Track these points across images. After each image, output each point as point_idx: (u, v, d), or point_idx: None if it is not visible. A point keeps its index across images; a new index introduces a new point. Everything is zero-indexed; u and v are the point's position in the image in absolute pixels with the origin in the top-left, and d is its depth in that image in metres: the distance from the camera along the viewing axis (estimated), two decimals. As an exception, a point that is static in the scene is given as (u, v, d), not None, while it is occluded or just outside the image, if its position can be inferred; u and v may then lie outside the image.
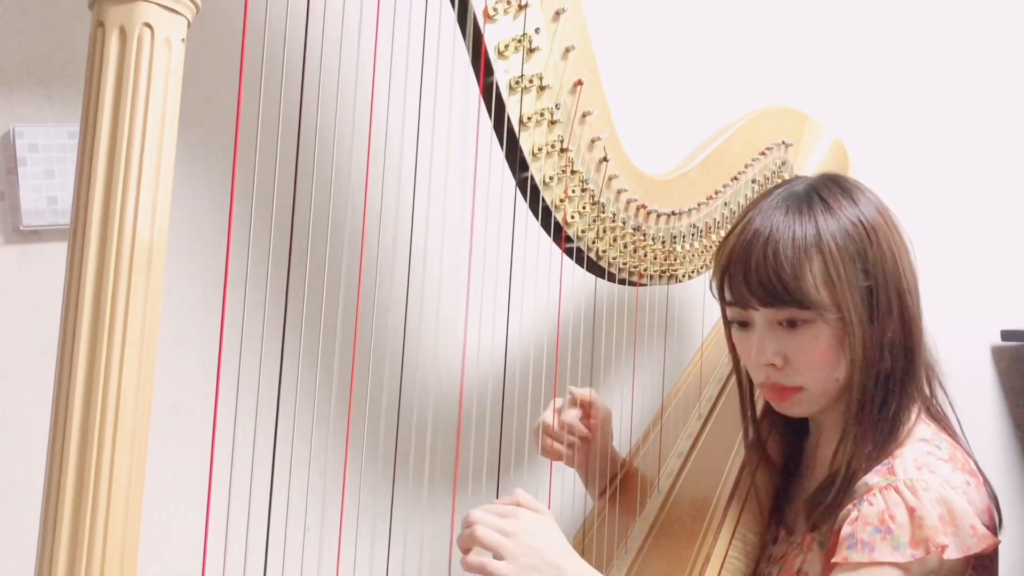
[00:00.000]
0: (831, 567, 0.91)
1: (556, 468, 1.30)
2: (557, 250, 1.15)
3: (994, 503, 0.94)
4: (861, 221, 0.97)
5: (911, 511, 0.88)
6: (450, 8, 0.99)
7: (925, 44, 1.83)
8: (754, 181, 1.33)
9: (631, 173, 1.17)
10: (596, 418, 1.19)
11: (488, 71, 1.01)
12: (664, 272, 1.26)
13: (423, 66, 1.00)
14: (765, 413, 1.12)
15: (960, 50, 1.87)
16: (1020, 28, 1.93)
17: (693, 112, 1.51)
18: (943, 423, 1.00)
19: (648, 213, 1.20)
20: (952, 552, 0.86)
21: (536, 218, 1.11)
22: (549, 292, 1.22)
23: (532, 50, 1.03)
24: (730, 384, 1.30)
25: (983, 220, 1.89)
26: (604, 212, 1.15)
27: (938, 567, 0.88)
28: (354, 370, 1.02)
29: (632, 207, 1.18)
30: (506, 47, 1.01)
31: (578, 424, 1.18)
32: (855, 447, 0.95)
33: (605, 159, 1.13)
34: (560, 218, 1.11)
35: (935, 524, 0.87)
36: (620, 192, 1.16)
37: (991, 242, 1.90)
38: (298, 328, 1.02)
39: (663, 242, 1.23)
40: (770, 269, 0.95)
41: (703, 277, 1.31)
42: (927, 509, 0.87)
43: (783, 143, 1.37)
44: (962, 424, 1.03)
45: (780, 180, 1.35)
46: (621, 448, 1.29)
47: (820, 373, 0.98)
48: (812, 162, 1.43)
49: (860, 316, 0.95)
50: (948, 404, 1.03)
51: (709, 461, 1.19)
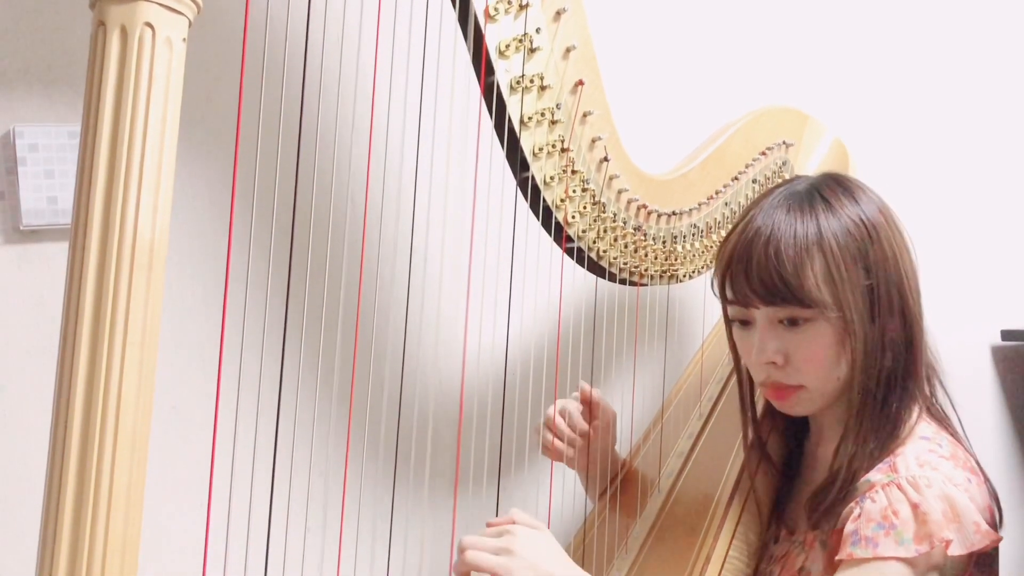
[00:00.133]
0: (835, 565, 0.91)
1: (556, 469, 1.30)
2: (558, 250, 1.15)
3: (995, 501, 0.94)
4: (862, 220, 0.97)
5: (915, 507, 0.88)
6: (451, 8, 0.99)
7: (925, 44, 1.83)
8: (755, 181, 1.33)
9: (632, 173, 1.17)
10: (601, 419, 1.19)
11: (489, 71, 1.02)
12: (665, 272, 1.26)
13: (424, 66, 1.00)
14: (765, 413, 1.12)
15: (960, 50, 1.86)
16: (1020, 28, 1.93)
17: (693, 112, 1.50)
18: (944, 422, 1.00)
19: (649, 213, 1.20)
20: (956, 548, 0.86)
21: (537, 218, 1.11)
22: (550, 292, 1.22)
23: (533, 50, 1.03)
24: (731, 384, 1.30)
25: (983, 220, 1.89)
26: (605, 212, 1.15)
27: (942, 563, 0.88)
28: (355, 370, 1.02)
29: (633, 207, 1.18)
30: (507, 47, 1.01)
31: (580, 420, 1.18)
32: (856, 446, 0.95)
33: (606, 159, 1.13)
34: (561, 218, 1.11)
35: (939, 519, 0.87)
36: (621, 192, 1.16)
37: (991, 242, 1.90)
38: (299, 328, 1.02)
39: (664, 242, 1.23)
40: (771, 267, 0.95)
41: (704, 277, 1.31)
42: (931, 505, 0.87)
43: (783, 143, 1.37)
44: (963, 423, 1.03)
45: (780, 180, 1.35)
46: (621, 448, 1.29)
47: (821, 372, 0.98)
48: (812, 162, 1.43)
49: (861, 315, 0.95)
50: (949, 403, 1.03)
51: (710, 461, 1.19)
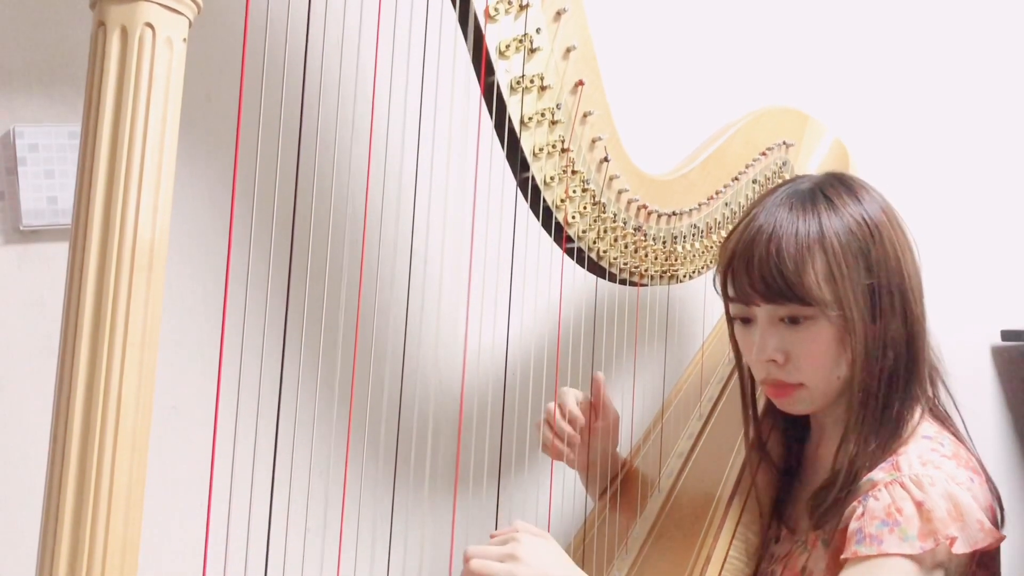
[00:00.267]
0: (839, 564, 0.91)
1: (556, 469, 1.30)
2: (558, 250, 1.15)
3: (996, 500, 0.94)
4: (865, 219, 0.97)
5: (919, 504, 0.88)
6: (451, 8, 0.99)
7: (925, 44, 1.83)
8: (755, 181, 1.33)
9: (632, 173, 1.17)
10: (603, 421, 1.18)
11: (489, 71, 1.01)
12: (665, 272, 1.26)
13: (424, 66, 1.00)
14: (767, 412, 1.12)
15: (960, 50, 1.86)
16: (1020, 28, 1.93)
17: (694, 112, 1.50)
18: (946, 422, 1.00)
19: (649, 213, 1.20)
20: (960, 546, 0.86)
21: (537, 218, 1.11)
22: (550, 292, 1.22)
23: (533, 50, 1.03)
24: (731, 384, 1.30)
25: (983, 220, 1.89)
26: (605, 212, 1.15)
27: (947, 561, 0.88)
28: (355, 370, 1.02)
29: (633, 207, 1.18)
30: (507, 47, 1.01)
31: (578, 413, 1.16)
32: (858, 446, 0.95)
33: (606, 159, 1.13)
34: (561, 218, 1.11)
35: (944, 517, 0.87)
36: (621, 192, 1.16)
37: (991, 242, 1.90)
38: (299, 328, 1.02)
39: (664, 242, 1.23)
40: (772, 265, 0.95)
41: (704, 277, 1.31)
42: (935, 503, 0.87)
43: (784, 143, 1.37)
44: (965, 424, 1.03)
45: (781, 180, 1.35)
46: (622, 448, 1.28)
47: (821, 370, 0.98)
48: (813, 162, 1.42)
49: (862, 314, 0.95)
50: (952, 404, 1.03)
51: (710, 461, 1.19)
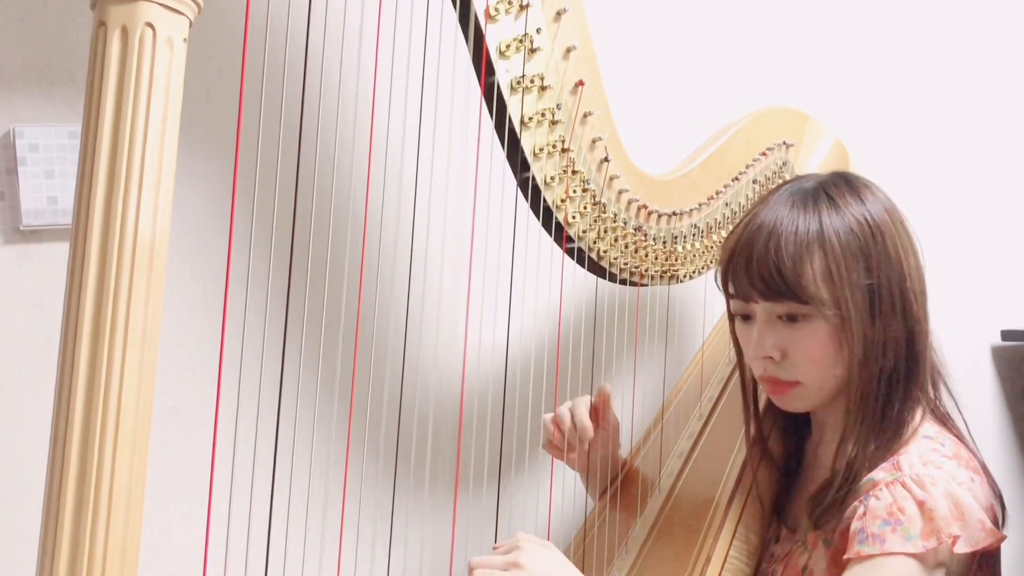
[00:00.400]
0: (840, 564, 0.91)
1: (556, 469, 1.30)
2: (558, 250, 1.15)
3: (998, 500, 0.94)
4: (867, 219, 0.97)
5: (920, 504, 0.88)
6: (451, 8, 0.99)
7: (925, 44, 1.83)
8: (755, 181, 1.33)
9: (632, 173, 1.17)
10: (605, 428, 1.17)
11: (489, 71, 1.01)
12: (665, 272, 1.26)
13: (424, 66, 1.00)
14: (768, 409, 1.12)
15: (960, 50, 1.87)
16: (1020, 28, 1.93)
17: (694, 112, 1.50)
18: (948, 423, 1.00)
19: (649, 213, 1.20)
20: (962, 546, 0.86)
21: (537, 218, 1.11)
22: (550, 292, 1.22)
23: (533, 50, 1.03)
24: (731, 384, 1.30)
25: (983, 220, 1.89)
26: (605, 212, 1.15)
27: (948, 561, 0.88)
28: (355, 371, 1.02)
29: (633, 207, 1.18)
30: (507, 47, 1.01)
31: (586, 421, 1.15)
32: (857, 447, 0.95)
33: (606, 159, 1.13)
34: (561, 218, 1.11)
35: (946, 515, 0.87)
36: (621, 192, 1.16)
37: (991, 242, 1.90)
38: (299, 328, 1.02)
39: (664, 242, 1.23)
40: (771, 262, 0.96)
41: (704, 277, 1.31)
42: (937, 502, 0.87)
43: (784, 143, 1.37)
44: (968, 425, 1.02)
45: (781, 180, 1.35)
46: (622, 448, 1.28)
47: (818, 369, 0.98)
48: (813, 162, 1.42)
49: (860, 314, 0.95)
50: (956, 407, 1.02)
51: (710, 461, 1.19)
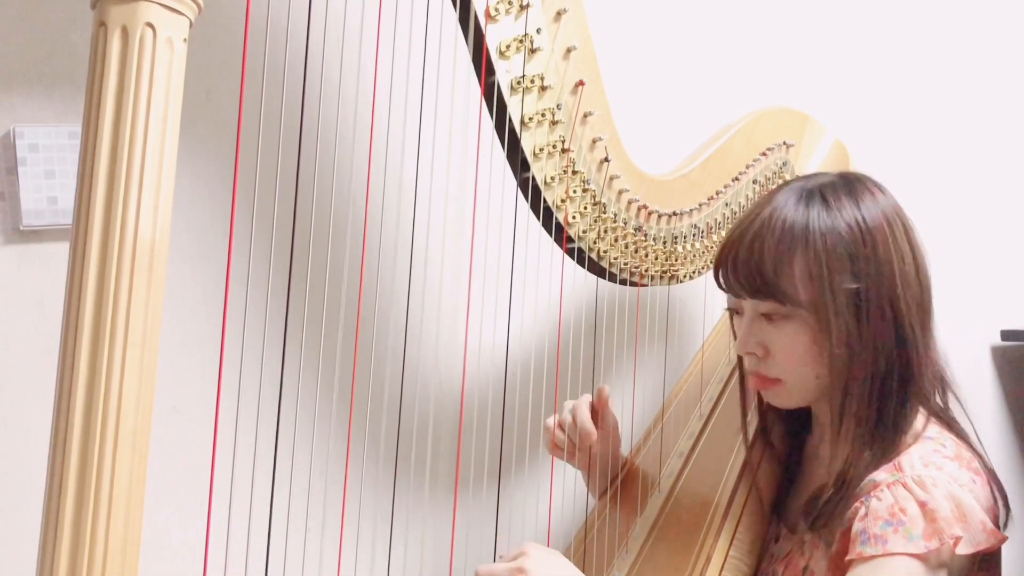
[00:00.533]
0: (841, 565, 0.91)
1: (557, 469, 1.30)
2: (558, 250, 1.15)
3: (1003, 501, 0.94)
4: (858, 224, 0.95)
5: (922, 505, 0.87)
6: (452, 8, 0.99)
7: (925, 44, 1.83)
8: (755, 182, 1.33)
9: (632, 173, 1.17)
10: (604, 427, 1.17)
11: (490, 71, 1.01)
12: (665, 272, 1.26)
13: (424, 66, 1.00)
14: (769, 407, 1.12)
15: (960, 50, 1.87)
16: (1020, 28, 1.93)
17: (694, 112, 1.51)
18: (952, 425, 0.99)
19: (649, 213, 1.20)
20: (965, 547, 0.86)
21: (537, 218, 1.11)
22: (550, 292, 1.22)
23: (534, 50, 1.03)
24: (731, 384, 1.30)
25: (983, 220, 1.89)
26: (605, 212, 1.15)
27: (950, 561, 0.87)
28: (355, 371, 1.02)
29: (633, 207, 1.18)
30: (508, 47, 1.01)
31: (589, 424, 1.15)
32: (852, 455, 0.94)
33: (606, 159, 1.12)
34: (561, 218, 1.11)
35: (948, 516, 0.86)
36: (621, 192, 1.16)
37: (991, 242, 1.90)
38: (299, 329, 1.02)
39: (664, 242, 1.23)
40: (753, 260, 0.96)
41: (704, 277, 1.31)
42: (939, 503, 0.87)
43: (784, 143, 1.37)
44: (974, 426, 1.01)
45: (781, 180, 1.35)
46: (623, 448, 1.28)
47: (798, 368, 0.98)
48: (813, 163, 1.42)
49: (843, 318, 0.94)
50: (963, 411, 1.01)
51: (710, 461, 1.19)
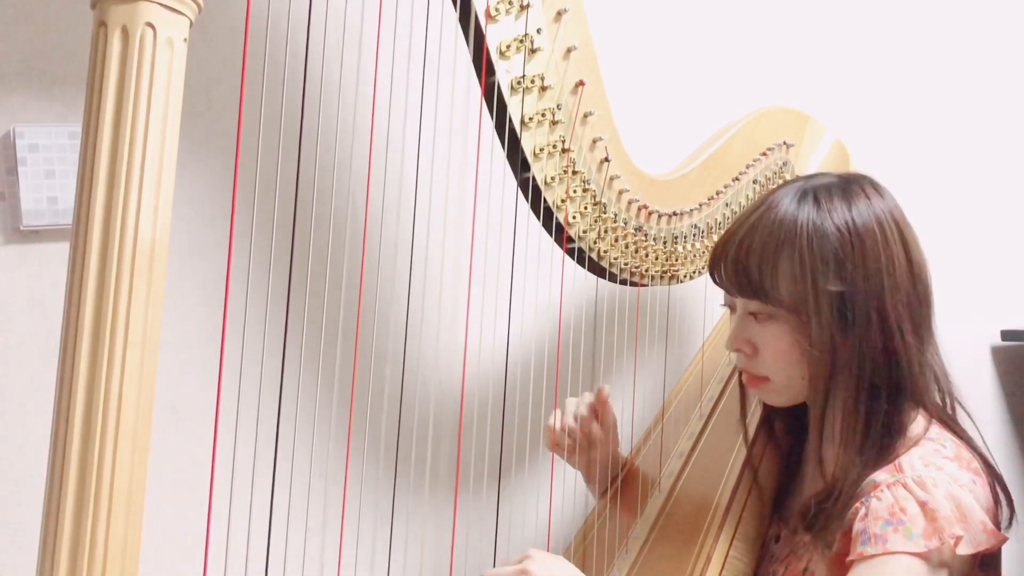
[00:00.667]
0: (841, 566, 0.91)
1: (557, 469, 1.30)
2: (558, 250, 1.15)
3: (1007, 501, 0.93)
4: (848, 226, 0.94)
5: (922, 504, 0.87)
6: (452, 8, 0.99)
7: (925, 44, 1.83)
8: (755, 182, 1.33)
9: (632, 173, 1.17)
10: (605, 426, 1.17)
11: (490, 71, 1.01)
12: (665, 272, 1.26)
13: (424, 66, 1.00)
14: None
15: (960, 50, 1.87)
16: (1020, 28, 1.93)
17: (694, 112, 1.50)
18: (953, 426, 0.98)
19: (649, 213, 1.20)
20: (965, 547, 0.86)
21: (537, 218, 1.11)
22: (550, 292, 1.22)
23: (534, 50, 1.03)
24: (732, 384, 1.30)
25: (983, 220, 1.89)
26: (605, 212, 1.15)
27: (951, 561, 0.87)
28: (355, 371, 1.02)
29: (633, 207, 1.18)
30: (508, 47, 1.01)
31: (590, 429, 1.16)
32: (848, 459, 0.94)
33: (606, 159, 1.12)
34: (561, 218, 1.11)
35: (949, 516, 0.86)
36: (621, 192, 1.16)
37: (991, 242, 1.90)
38: (299, 329, 1.02)
39: (664, 242, 1.23)
40: (740, 259, 0.97)
41: (704, 277, 1.31)
42: (939, 503, 0.87)
43: (784, 144, 1.37)
44: (977, 428, 1.00)
45: (782, 180, 1.35)
46: (622, 448, 1.28)
47: (783, 368, 0.99)
48: (813, 163, 1.42)
49: (827, 321, 0.93)
50: (966, 414, 1.00)
51: (710, 461, 1.19)
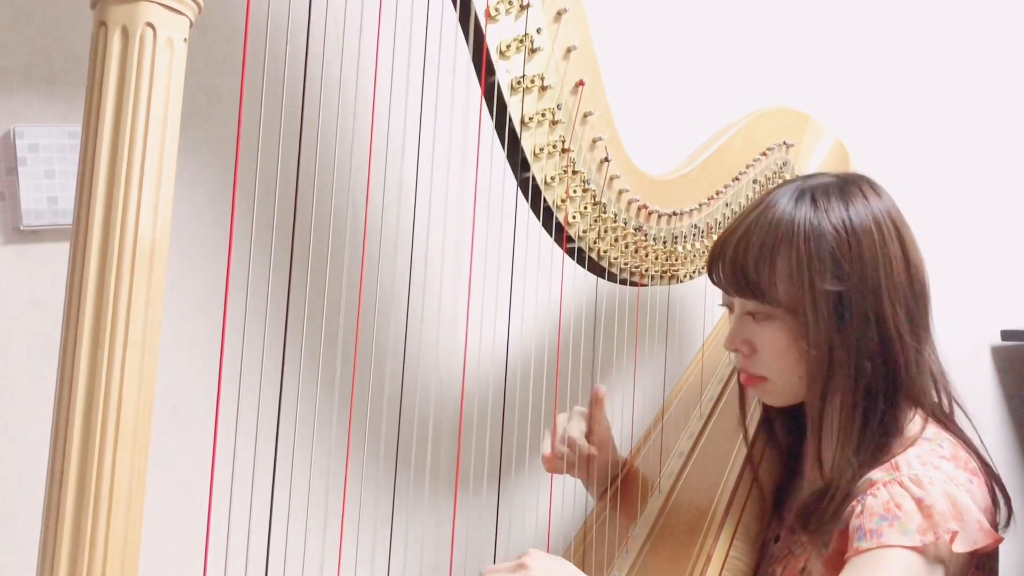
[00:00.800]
0: (839, 565, 0.90)
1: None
2: (558, 250, 1.15)
3: (1005, 501, 0.94)
4: (845, 226, 0.94)
5: (918, 501, 0.87)
6: (451, 8, 0.99)
7: (925, 44, 1.83)
8: (755, 181, 1.33)
9: (632, 173, 1.17)
10: (596, 436, 1.17)
11: (490, 71, 1.01)
12: (665, 272, 1.26)
13: (424, 66, 1.00)
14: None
15: (960, 50, 1.87)
16: (1020, 28, 1.93)
17: (694, 112, 1.50)
18: (949, 426, 0.98)
19: (649, 213, 1.20)
20: (961, 544, 0.86)
21: (537, 218, 1.11)
22: (550, 292, 1.22)
23: (534, 50, 1.03)
24: (732, 384, 1.30)
25: (983, 220, 1.89)
26: (605, 212, 1.15)
27: (947, 558, 0.87)
28: (355, 371, 1.02)
29: (633, 207, 1.18)
30: (508, 47, 1.01)
31: (583, 441, 1.17)
32: (840, 457, 0.94)
33: (606, 159, 1.13)
34: (561, 218, 1.11)
35: (944, 512, 0.86)
36: (621, 192, 1.16)
37: (992, 242, 1.90)
38: (299, 329, 1.02)
39: (664, 242, 1.23)
40: (737, 259, 0.97)
41: (704, 277, 1.31)
42: (935, 499, 0.87)
43: (784, 143, 1.37)
44: (976, 428, 1.00)
45: (781, 180, 1.35)
46: (622, 448, 1.29)
47: (781, 368, 0.99)
48: (813, 163, 1.42)
49: (824, 320, 0.93)
50: (964, 414, 1.00)
51: (710, 461, 1.19)
